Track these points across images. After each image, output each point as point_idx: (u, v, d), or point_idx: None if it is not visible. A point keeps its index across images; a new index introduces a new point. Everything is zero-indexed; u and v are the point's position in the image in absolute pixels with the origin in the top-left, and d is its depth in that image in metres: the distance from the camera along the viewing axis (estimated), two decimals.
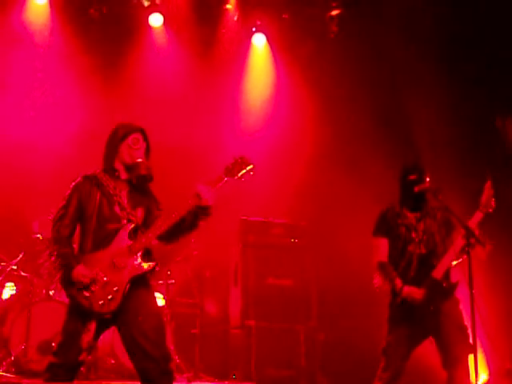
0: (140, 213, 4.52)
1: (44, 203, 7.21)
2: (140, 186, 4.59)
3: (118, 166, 4.58)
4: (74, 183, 4.55)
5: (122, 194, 4.52)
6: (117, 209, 4.47)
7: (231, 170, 4.46)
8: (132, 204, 4.52)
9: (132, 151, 4.54)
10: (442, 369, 5.18)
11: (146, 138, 4.64)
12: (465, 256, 5.01)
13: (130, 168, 4.56)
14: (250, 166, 4.49)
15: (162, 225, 4.42)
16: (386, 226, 5.43)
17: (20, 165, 8.10)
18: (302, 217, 8.44)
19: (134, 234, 4.44)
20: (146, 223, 4.52)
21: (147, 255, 4.46)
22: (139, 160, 4.53)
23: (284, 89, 9.43)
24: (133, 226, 4.45)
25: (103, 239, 4.40)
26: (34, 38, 8.55)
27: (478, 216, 5.21)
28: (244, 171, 4.47)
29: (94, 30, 8.73)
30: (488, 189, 5.21)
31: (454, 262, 5.27)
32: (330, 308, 8.19)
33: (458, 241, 5.16)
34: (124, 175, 4.58)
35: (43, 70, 8.52)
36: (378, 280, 5.34)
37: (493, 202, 5.20)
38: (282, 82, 9.47)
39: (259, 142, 8.93)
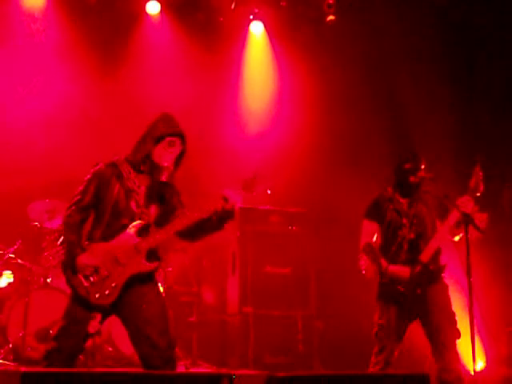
0: (153, 210, 4.44)
1: (42, 190, 7.23)
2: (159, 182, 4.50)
3: (145, 159, 4.44)
4: (94, 169, 4.43)
5: (141, 190, 4.43)
6: (133, 205, 4.38)
7: (249, 186, 4.41)
8: (148, 201, 4.43)
9: (164, 153, 4.43)
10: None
11: (183, 143, 4.51)
12: (462, 233, 4.99)
13: (154, 167, 4.44)
14: (268, 189, 4.48)
15: (173, 227, 4.35)
16: (377, 210, 5.41)
17: (18, 152, 8.07)
18: (300, 204, 8.44)
19: (143, 231, 4.36)
20: (159, 221, 4.43)
21: (152, 255, 4.38)
22: (165, 164, 4.43)
23: (282, 76, 9.40)
24: (143, 223, 4.37)
25: (113, 232, 4.32)
26: (31, 26, 8.51)
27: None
28: (261, 188, 4.43)
29: (90, 18, 8.69)
30: (476, 173, 5.19)
31: (457, 238, 5.24)
32: (328, 295, 8.20)
33: (452, 216, 5.14)
34: (147, 169, 4.46)
35: (40, 57, 8.48)
36: (363, 262, 5.32)
37: (481, 186, 5.18)
38: (280, 70, 9.44)
39: (258, 130, 8.92)
